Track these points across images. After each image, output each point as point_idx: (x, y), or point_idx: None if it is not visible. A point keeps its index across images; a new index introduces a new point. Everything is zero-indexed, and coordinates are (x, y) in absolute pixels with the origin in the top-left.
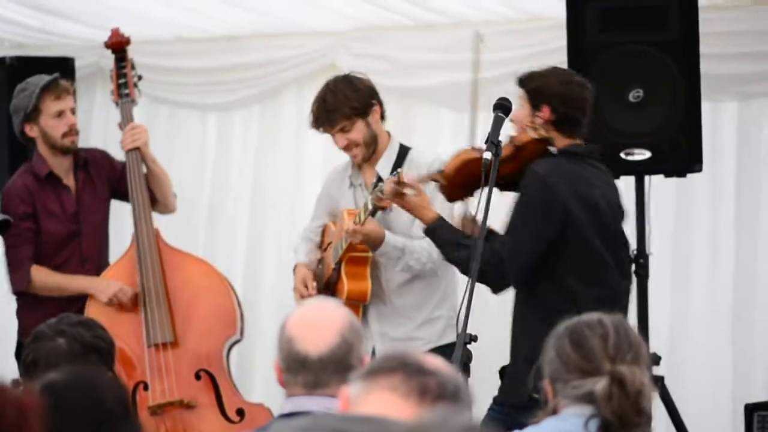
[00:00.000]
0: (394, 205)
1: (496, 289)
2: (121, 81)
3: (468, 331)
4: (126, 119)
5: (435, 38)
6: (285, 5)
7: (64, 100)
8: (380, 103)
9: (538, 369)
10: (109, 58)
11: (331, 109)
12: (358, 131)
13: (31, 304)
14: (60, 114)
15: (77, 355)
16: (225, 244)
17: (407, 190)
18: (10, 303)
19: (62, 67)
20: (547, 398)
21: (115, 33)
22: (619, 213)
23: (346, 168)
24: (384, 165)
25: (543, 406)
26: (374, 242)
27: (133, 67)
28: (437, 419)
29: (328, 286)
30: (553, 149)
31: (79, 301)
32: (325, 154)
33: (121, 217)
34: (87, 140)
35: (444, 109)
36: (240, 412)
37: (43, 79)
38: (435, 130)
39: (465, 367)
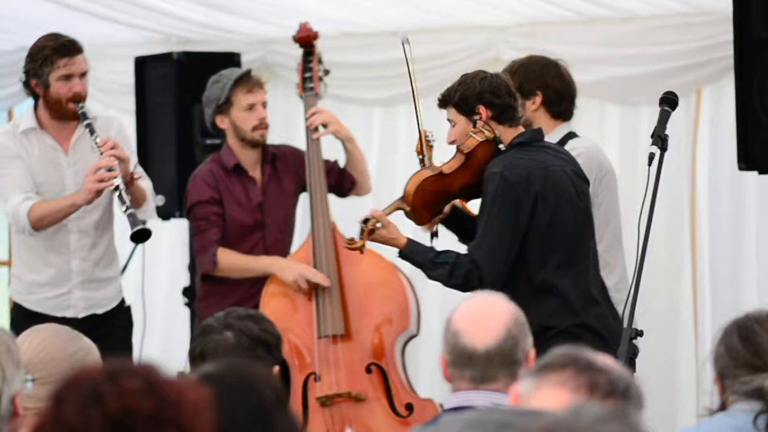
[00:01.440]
0: None
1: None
2: (307, 75)
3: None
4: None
5: (601, 33)
6: (449, 1)
7: (255, 94)
8: (548, 96)
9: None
10: (275, 53)
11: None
12: None
13: (214, 295)
14: (251, 107)
15: (245, 349)
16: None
17: (378, 224)
18: (179, 295)
19: (229, 63)
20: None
21: (304, 27)
22: (585, 184)
23: None
24: None
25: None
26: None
27: (320, 62)
28: (597, 416)
29: None
30: (502, 147)
31: (257, 296)
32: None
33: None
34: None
35: (610, 104)
36: (409, 407)
37: (236, 71)
38: (601, 125)
39: (630, 362)
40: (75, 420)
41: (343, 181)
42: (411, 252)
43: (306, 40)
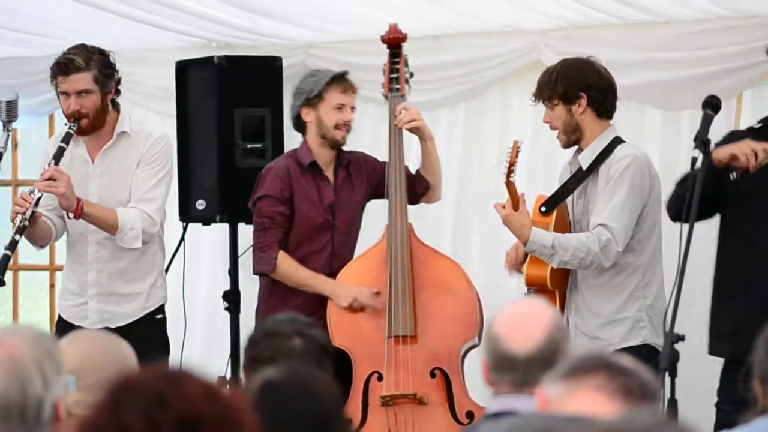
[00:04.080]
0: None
1: None
2: (393, 76)
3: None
4: (393, 113)
5: (641, 37)
6: (489, 4)
7: (348, 96)
8: (592, 95)
9: (748, 368)
10: (315, 57)
11: (542, 82)
12: (557, 115)
13: (278, 294)
14: (340, 107)
15: (312, 355)
16: (430, 242)
17: None
18: (219, 300)
19: (270, 67)
20: (756, 398)
21: (393, 29)
22: None
23: (570, 158)
24: (587, 157)
25: (752, 405)
26: (519, 237)
27: (406, 64)
28: (652, 420)
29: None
30: None
31: (321, 297)
32: (530, 151)
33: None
34: (295, 139)
35: (651, 108)
36: (469, 415)
37: (334, 70)
38: (642, 129)
39: (672, 367)
40: (138, 423)
41: (416, 185)
42: None
43: (395, 41)
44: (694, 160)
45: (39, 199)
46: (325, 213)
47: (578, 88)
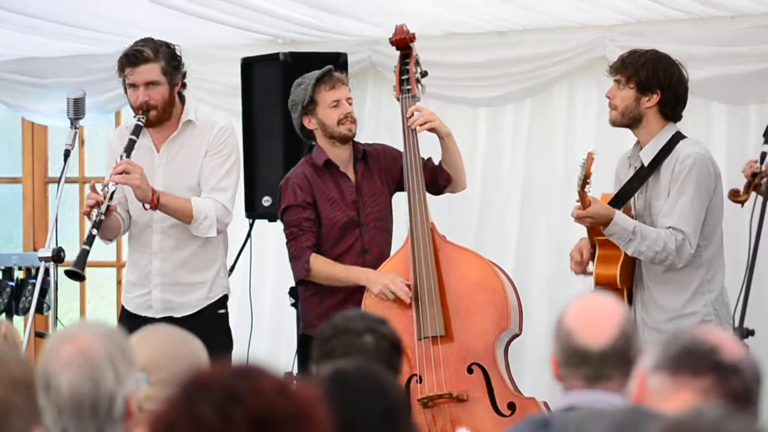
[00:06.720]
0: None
1: None
2: (404, 77)
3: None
4: (405, 115)
5: (708, 31)
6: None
7: (338, 90)
8: (666, 97)
9: None
10: (380, 54)
11: (628, 60)
12: (624, 96)
13: (313, 296)
14: (336, 104)
15: (383, 353)
16: (496, 238)
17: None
18: (286, 296)
19: (335, 63)
20: None
21: (400, 29)
22: None
23: (629, 151)
24: (648, 154)
25: None
26: (602, 222)
27: (417, 64)
28: (720, 416)
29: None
30: None
31: (357, 294)
32: (596, 146)
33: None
34: (360, 134)
35: (717, 103)
36: (511, 406)
37: (316, 71)
38: (708, 124)
39: None
40: (211, 418)
41: (437, 177)
42: None
43: (403, 42)
44: (763, 155)
45: (113, 192)
46: (348, 211)
47: (658, 84)
